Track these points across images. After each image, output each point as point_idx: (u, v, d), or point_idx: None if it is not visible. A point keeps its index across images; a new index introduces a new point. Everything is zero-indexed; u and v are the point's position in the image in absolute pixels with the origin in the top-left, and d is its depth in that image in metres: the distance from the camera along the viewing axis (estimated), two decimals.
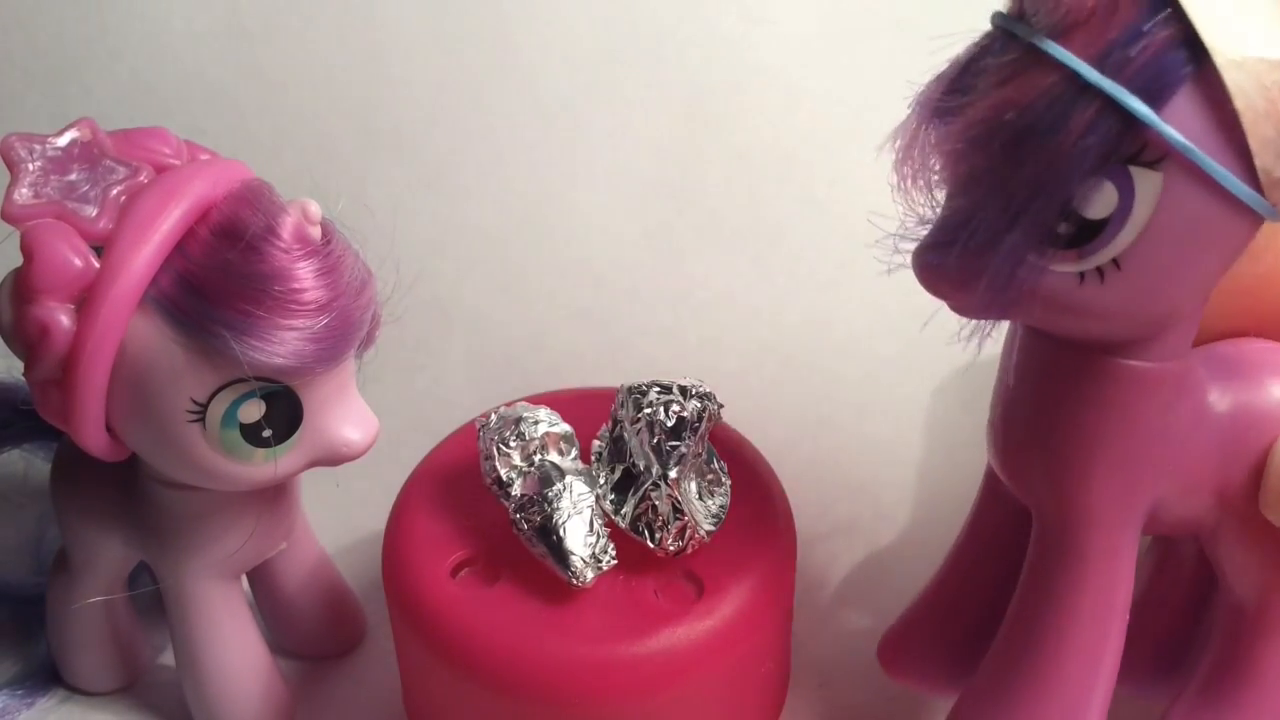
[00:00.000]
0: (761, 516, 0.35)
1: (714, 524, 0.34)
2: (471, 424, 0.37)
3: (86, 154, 0.30)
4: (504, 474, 0.34)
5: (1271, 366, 0.31)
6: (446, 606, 0.33)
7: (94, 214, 0.29)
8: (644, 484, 0.33)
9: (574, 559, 0.32)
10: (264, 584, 0.40)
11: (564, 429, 0.35)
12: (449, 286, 0.50)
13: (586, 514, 0.33)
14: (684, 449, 0.33)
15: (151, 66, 0.49)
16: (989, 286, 0.25)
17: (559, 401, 0.36)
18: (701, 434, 0.33)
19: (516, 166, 0.50)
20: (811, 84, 0.49)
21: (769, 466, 0.37)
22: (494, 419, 0.34)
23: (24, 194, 0.29)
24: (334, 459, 0.32)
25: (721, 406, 0.34)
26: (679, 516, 0.33)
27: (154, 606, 0.39)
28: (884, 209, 0.29)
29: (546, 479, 0.33)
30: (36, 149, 0.30)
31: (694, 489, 0.34)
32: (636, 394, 0.33)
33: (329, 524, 0.41)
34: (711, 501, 0.34)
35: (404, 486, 0.37)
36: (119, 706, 0.40)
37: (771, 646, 0.35)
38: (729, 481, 0.35)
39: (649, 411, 0.33)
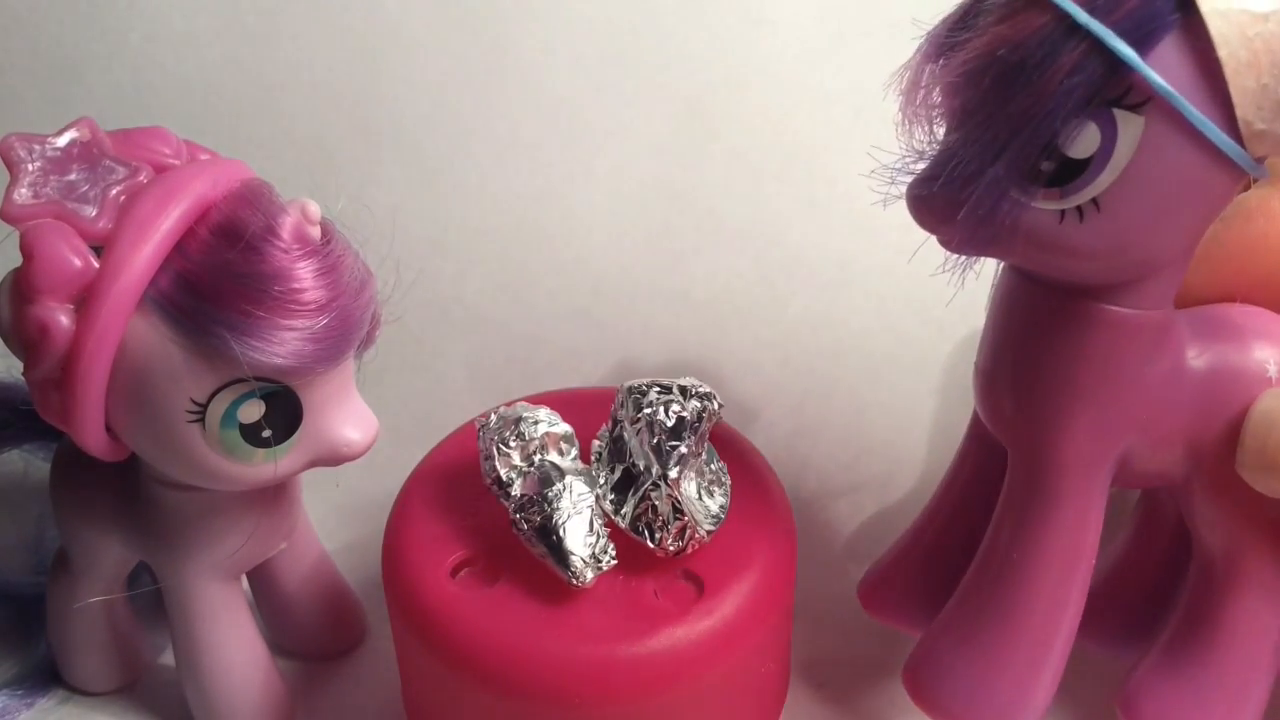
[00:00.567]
0: (761, 516, 0.35)
1: (714, 524, 0.34)
2: (471, 424, 0.37)
3: (86, 154, 0.30)
4: (504, 474, 0.34)
5: (1253, 329, 0.31)
6: (446, 606, 0.33)
7: (93, 214, 0.29)
8: (644, 484, 0.33)
9: (574, 559, 0.32)
10: (264, 584, 0.40)
11: (564, 429, 0.35)
12: (449, 286, 0.50)
13: (586, 514, 0.33)
14: (684, 449, 0.33)
15: (151, 66, 0.49)
16: (970, 217, 0.26)
17: (559, 401, 0.36)
18: (701, 434, 0.33)
19: (516, 166, 0.50)
20: (811, 84, 0.49)
21: (769, 466, 0.37)
22: (494, 419, 0.34)
23: (24, 194, 0.29)
24: (334, 459, 0.32)
25: (721, 406, 0.34)
26: (679, 516, 0.33)
27: (154, 606, 0.39)
28: (885, 146, 0.30)
29: (546, 479, 0.33)
30: (36, 149, 0.30)
31: (694, 489, 0.34)
32: (636, 394, 0.33)
33: (329, 524, 0.41)
34: (711, 501, 0.34)
35: (404, 486, 0.37)
36: (119, 706, 0.40)
37: (771, 646, 0.35)
38: (729, 481, 0.35)
39: (649, 411, 0.33)
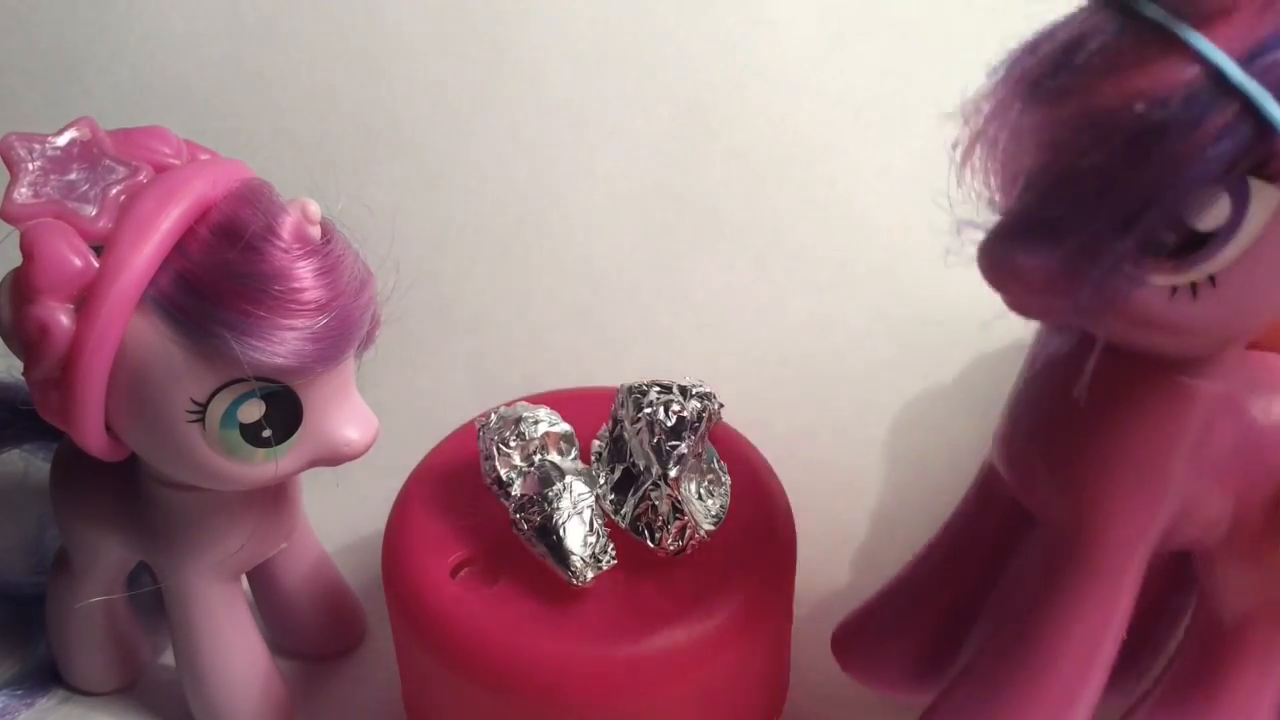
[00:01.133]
0: (761, 516, 0.35)
1: (714, 524, 0.34)
2: (471, 424, 0.37)
3: (86, 153, 0.30)
4: (504, 474, 0.34)
5: None
6: (446, 606, 0.32)
7: (93, 213, 0.29)
8: (644, 484, 0.33)
9: (574, 559, 0.32)
10: (264, 584, 0.40)
11: (564, 429, 0.35)
12: (449, 286, 0.50)
13: (586, 514, 0.33)
14: (684, 449, 0.33)
15: (151, 66, 0.49)
16: (1080, 292, 0.23)
17: (559, 401, 0.36)
18: (701, 434, 0.33)
19: (516, 166, 0.50)
20: (811, 84, 0.49)
21: (769, 466, 0.37)
22: (494, 419, 0.34)
23: (24, 193, 0.29)
24: (334, 459, 0.32)
25: (721, 406, 0.34)
26: (679, 516, 0.33)
27: (154, 606, 0.39)
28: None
29: (546, 479, 0.33)
30: (36, 148, 0.30)
31: (694, 489, 0.34)
32: (636, 394, 0.33)
33: (329, 524, 0.41)
34: (711, 501, 0.34)
35: (404, 486, 0.37)
36: (119, 706, 0.40)
37: (771, 646, 0.35)
38: (729, 481, 0.35)
39: (649, 411, 0.33)
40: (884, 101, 0.49)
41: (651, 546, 0.33)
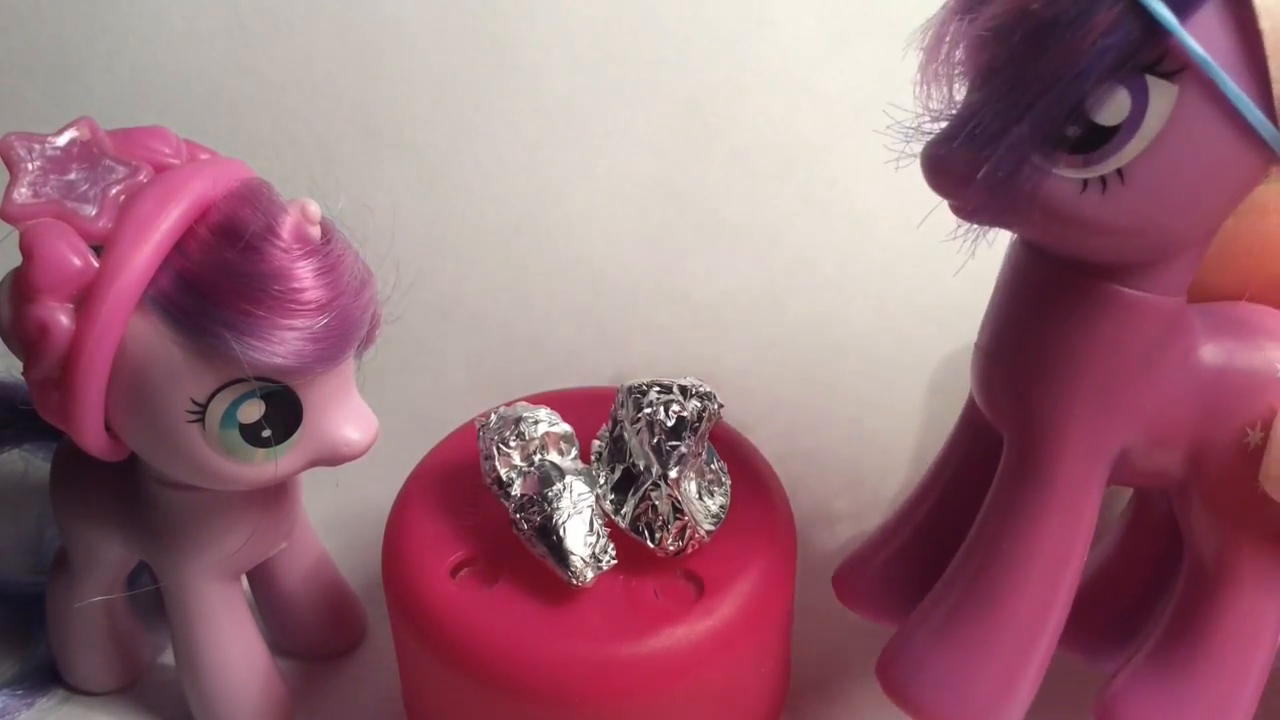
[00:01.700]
0: (761, 516, 0.35)
1: (714, 524, 0.34)
2: (471, 424, 0.37)
3: (86, 153, 0.30)
4: (504, 474, 0.34)
5: (1265, 329, 0.30)
6: (446, 606, 0.32)
7: (93, 213, 0.29)
8: (644, 484, 0.33)
9: (574, 559, 0.32)
10: (264, 584, 0.40)
11: (564, 429, 0.35)
12: (449, 286, 0.50)
13: (586, 514, 0.33)
14: (684, 449, 0.33)
15: (151, 66, 0.49)
16: (989, 180, 0.25)
17: (559, 401, 0.36)
18: (701, 434, 0.33)
19: (516, 166, 0.50)
20: (811, 84, 0.49)
21: (769, 466, 0.37)
22: (494, 419, 0.34)
23: (23, 193, 0.29)
24: (334, 459, 0.32)
25: (721, 406, 0.34)
26: (679, 516, 0.33)
27: (154, 606, 0.39)
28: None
29: (546, 479, 0.33)
30: (36, 148, 0.30)
31: (694, 489, 0.34)
32: (636, 394, 0.33)
33: (329, 524, 0.41)
34: (711, 501, 0.34)
35: (404, 486, 0.37)
36: (119, 706, 0.40)
37: (771, 646, 0.35)
38: (729, 481, 0.35)
39: (649, 411, 0.33)
40: (884, 101, 0.49)
41: (651, 546, 0.33)
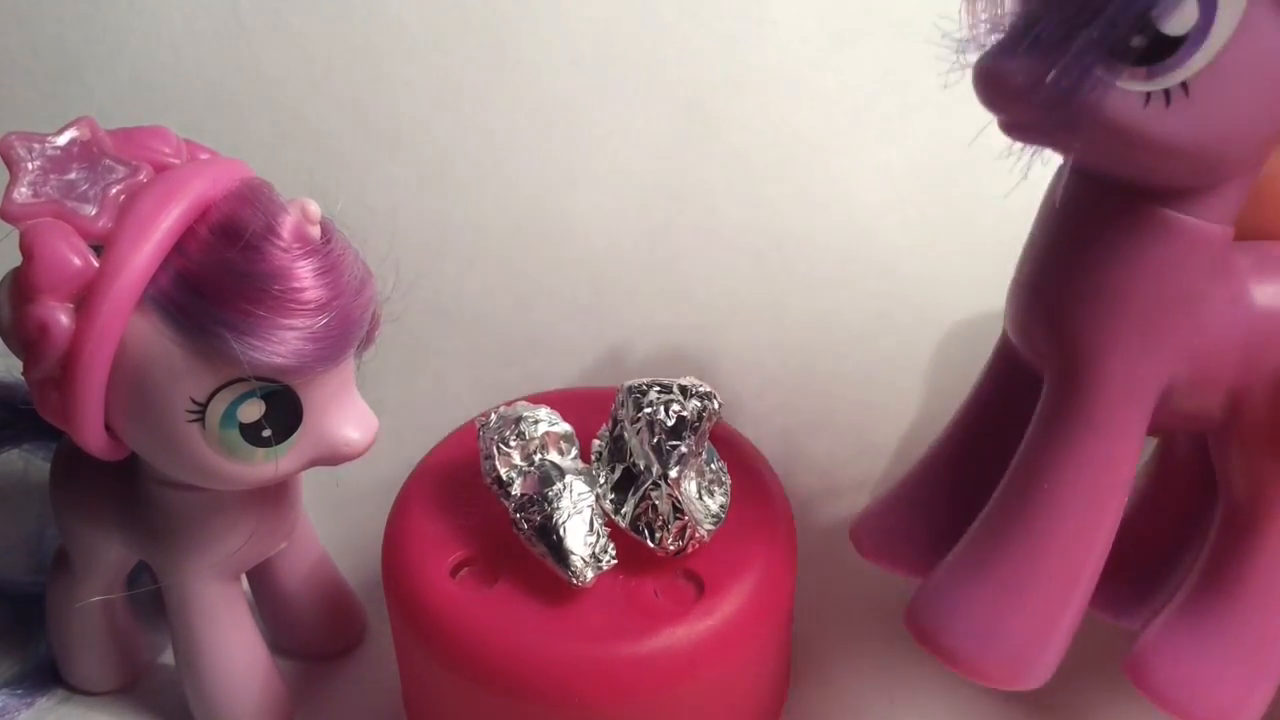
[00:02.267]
0: (761, 516, 0.35)
1: (714, 524, 0.34)
2: (471, 424, 0.37)
3: (86, 153, 0.30)
4: (504, 473, 0.34)
5: None
6: (446, 606, 0.32)
7: (93, 213, 0.29)
8: (644, 484, 0.33)
9: (574, 558, 0.32)
10: (264, 584, 0.40)
11: (564, 428, 0.35)
12: (449, 286, 0.50)
13: (586, 513, 0.33)
14: (684, 449, 0.33)
15: (151, 65, 0.49)
16: (1050, 93, 0.24)
17: (559, 401, 0.36)
18: (701, 434, 0.33)
19: (516, 166, 0.50)
20: (811, 84, 0.49)
21: (769, 466, 0.37)
22: (494, 418, 0.34)
23: (23, 193, 0.29)
24: (334, 458, 0.32)
25: (721, 406, 0.34)
26: (679, 516, 0.33)
27: (154, 606, 0.39)
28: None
29: (546, 478, 0.33)
30: (36, 148, 0.30)
31: (694, 489, 0.34)
32: (636, 394, 0.33)
33: (329, 524, 0.41)
34: (711, 501, 0.34)
35: (404, 486, 0.37)
36: (119, 706, 0.40)
37: (771, 646, 0.35)
38: (729, 481, 0.35)
39: (649, 411, 0.33)
40: (884, 101, 0.49)
41: (651, 546, 0.33)
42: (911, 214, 0.49)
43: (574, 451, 0.35)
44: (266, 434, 0.31)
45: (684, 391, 0.33)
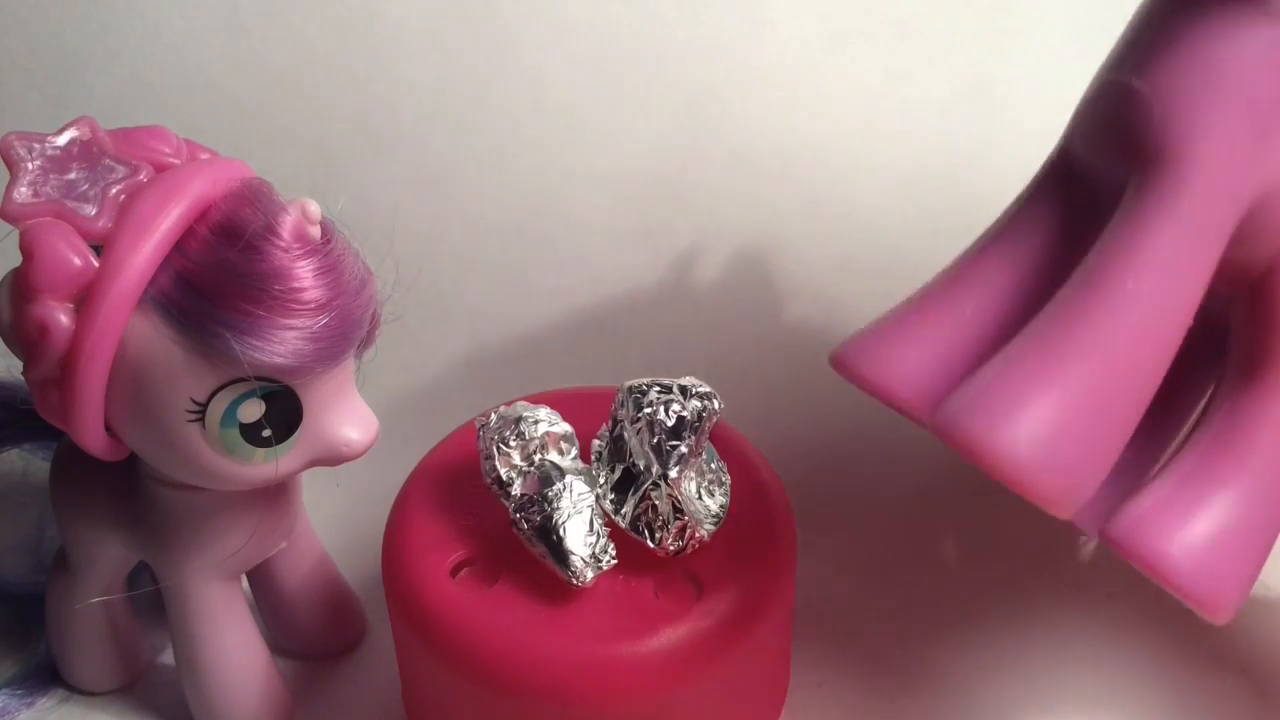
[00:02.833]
0: (761, 516, 0.35)
1: (714, 524, 0.34)
2: (471, 424, 0.37)
3: (86, 153, 0.30)
4: (504, 474, 0.34)
5: None
6: (446, 606, 0.32)
7: (93, 213, 0.29)
8: (644, 484, 0.33)
9: (574, 559, 0.32)
10: (264, 584, 0.40)
11: (564, 428, 0.35)
12: (449, 286, 0.50)
13: (586, 514, 0.33)
14: (684, 449, 0.33)
15: (151, 65, 0.49)
16: None
17: (559, 401, 0.36)
18: (701, 434, 0.33)
19: (516, 166, 0.50)
20: (811, 84, 0.49)
21: (769, 466, 0.37)
22: (494, 418, 0.34)
23: (23, 193, 0.29)
24: (334, 459, 0.32)
25: (721, 406, 0.34)
26: (679, 516, 0.33)
27: (154, 606, 0.39)
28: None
29: (546, 479, 0.33)
30: (36, 148, 0.30)
31: (694, 489, 0.34)
32: (636, 394, 0.33)
33: (329, 524, 0.41)
34: (712, 501, 0.34)
35: (404, 486, 0.37)
36: (119, 706, 0.40)
37: (771, 646, 0.35)
38: (729, 481, 0.35)
39: (649, 411, 0.33)
40: (884, 101, 0.49)
41: (652, 546, 0.33)
42: (911, 214, 0.49)
43: (574, 451, 0.35)
44: (267, 434, 0.30)
45: (684, 391, 0.33)
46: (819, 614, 0.41)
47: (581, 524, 0.33)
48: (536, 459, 0.34)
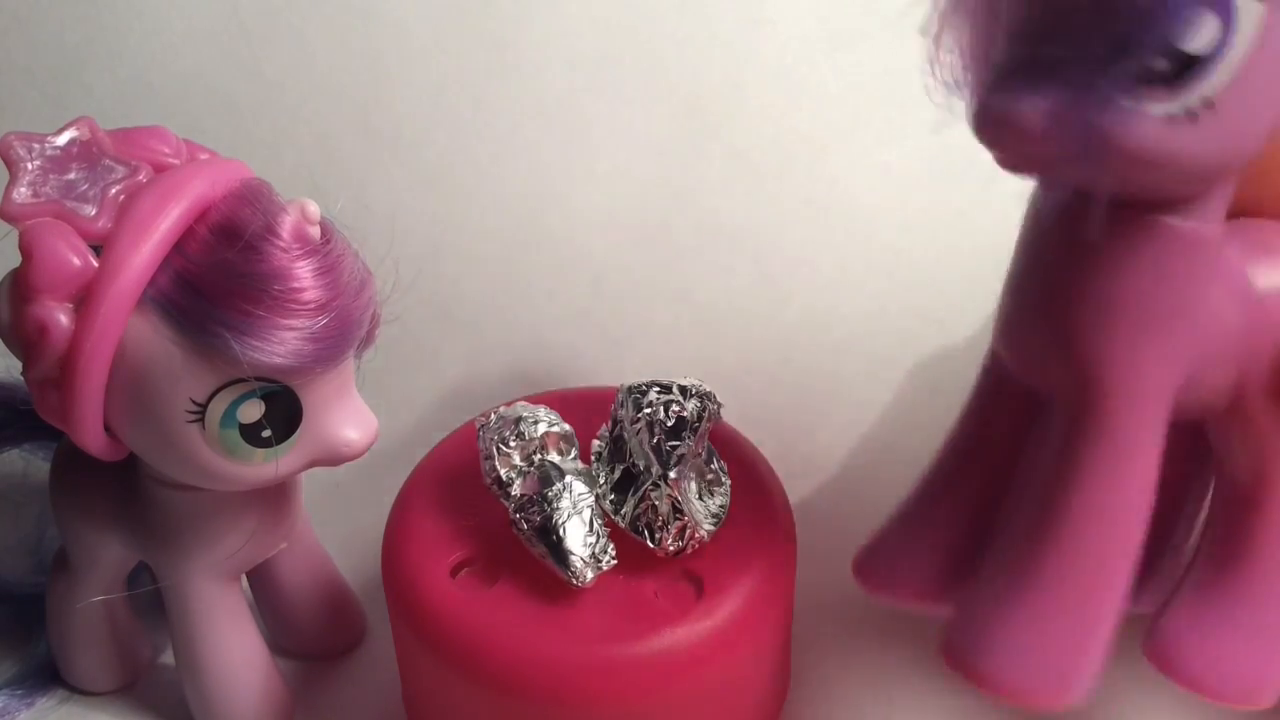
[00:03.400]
0: (761, 516, 0.35)
1: (714, 524, 0.34)
2: (471, 424, 0.37)
3: (85, 153, 0.30)
4: (504, 474, 0.34)
5: None
6: (446, 607, 0.32)
7: (93, 213, 0.29)
8: (644, 484, 0.33)
9: (574, 559, 0.32)
10: (264, 584, 0.40)
11: (564, 429, 0.35)
12: (449, 286, 0.50)
13: (586, 514, 0.33)
14: (684, 449, 0.33)
15: (151, 65, 0.49)
16: (1071, 129, 0.24)
17: (559, 401, 0.36)
18: (701, 434, 0.33)
19: (516, 166, 0.50)
20: (812, 84, 0.49)
21: (769, 466, 0.37)
22: (494, 419, 0.34)
23: (23, 193, 0.29)
24: (334, 459, 0.32)
25: (721, 406, 0.34)
26: (679, 516, 0.33)
27: (154, 606, 0.39)
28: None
29: (546, 479, 0.33)
30: (36, 148, 0.30)
31: (694, 489, 0.34)
32: (636, 394, 0.33)
33: (329, 524, 0.41)
34: (711, 501, 0.34)
35: (404, 486, 0.37)
36: (119, 706, 0.40)
37: (771, 646, 0.35)
38: (729, 481, 0.35)
39: (649, 411, 0.33)
40: (884, 101, 0.49)
41: (651, 547, 0.33)
42: (911, 214, 0.49)
43: (574, 452, 0.35)
44: (266, 434, 0.30)
45: (684, 392, 0.33)
46: (819, 614, 0.41)
47: (581, 524, 0.33)
48: (536, 459, 0.34)
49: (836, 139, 0.49)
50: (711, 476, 0.35)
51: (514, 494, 0.33)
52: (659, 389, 0.33)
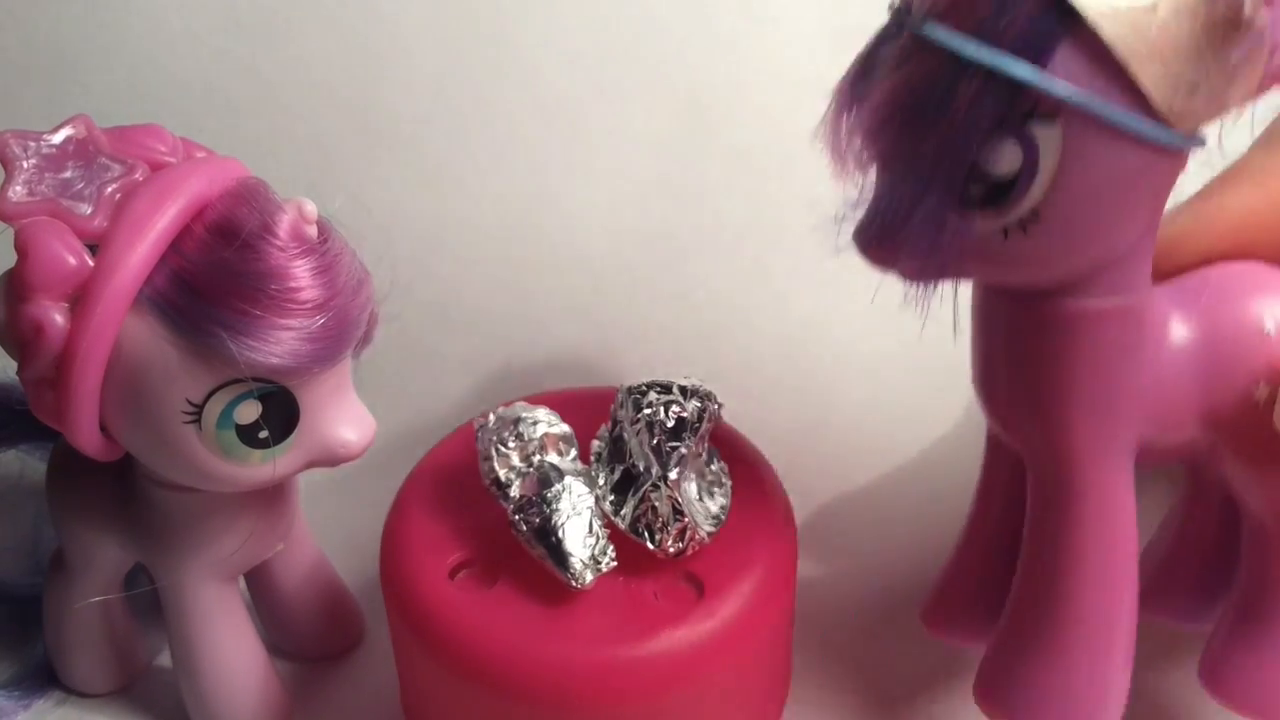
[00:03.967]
0: (761, 517, 0.35)
1: (714, 525, 0.34)
2: (470, 424, 0.37)
3: (81, 151, 0.30)
4: (502, 475, 0.33)
5: (1241, 286, 0.31)
6: (445, 608, 0.32)
7: (89, 212, 0.29)
8: (644, 485, 0.33)
9: (573, 560, 0.32)
10: (261, 585, 0.40)
11: (563, 429, 0.35)
12: (448, 286, 0.50)
13: (586, 515, 0.33)
14: (684, 449, 0.32)
15: (148, 64, 0.49)
16: (914, 252, 0.26)
17: (558, 401, 0.36)
18: (701, 434, 0.33)
19: (516, 165, 0.50)
20: (813, 82, 0.49)
21: (769, 466, 0.37)
22: (492, 419, 0.34)
23: (18, 191, 0.29)
24: (331, 460, 0.32)
25: (721, 406, 0.34)
26: (679, 518, 0.33)
27: (151, 607, 0.38)
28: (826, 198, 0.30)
29: (545, 480, 0.33)
30: (31, 146, 0.29)
31: (694, 490, 0.34)
32: (636, 394, 0.33)
33: (327, 524, 0.41)
34: (712, 502, 0.34)
35: (402, 487, 0.37)
36: (116, 708, 0.40)
37: (771, 647, 0.35)
38: (729, 482, 0.35)
39: (649, 412, 0.33)
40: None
41: (651, 548, 0.33)
42: None
43: (573, 453, 0.35)
44: (263, 435, 0.30)
45: (684, 392, 0.33)
46: (819, 614, 0.41)
47: (581, 525, 0.32)
48: (535, 460, 0.34)
49: None
50: (712, 477, 0.34)
51: (513, 495, 0.33)
52: (659, 389, 0.33)
